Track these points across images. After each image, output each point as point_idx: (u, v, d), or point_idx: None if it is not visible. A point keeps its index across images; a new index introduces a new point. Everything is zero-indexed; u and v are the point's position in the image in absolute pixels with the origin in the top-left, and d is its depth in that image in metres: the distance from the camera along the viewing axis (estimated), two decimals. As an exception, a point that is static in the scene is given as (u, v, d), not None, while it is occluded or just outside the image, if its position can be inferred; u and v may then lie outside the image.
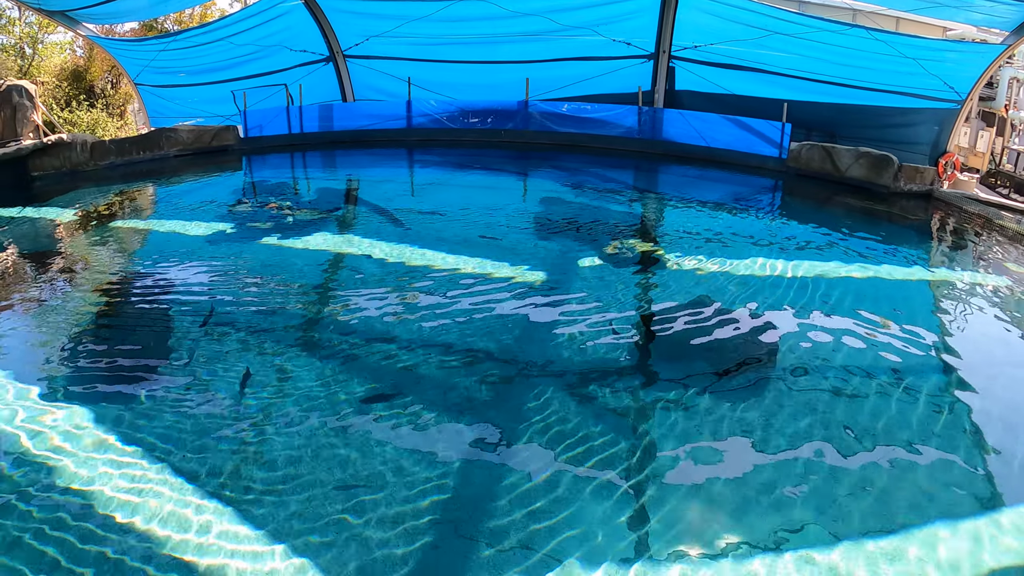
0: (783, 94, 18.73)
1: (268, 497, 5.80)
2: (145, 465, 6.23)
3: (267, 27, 22.88)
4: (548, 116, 21.42)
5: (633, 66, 21.06)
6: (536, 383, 7.51)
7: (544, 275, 10.66)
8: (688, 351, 8.27)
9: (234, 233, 13.13)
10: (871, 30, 17.36)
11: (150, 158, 20.83)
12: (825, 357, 7.99)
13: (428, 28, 21.74)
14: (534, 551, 5.13)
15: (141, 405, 7.26)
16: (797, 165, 17.55)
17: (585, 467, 6.07)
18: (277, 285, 10.68)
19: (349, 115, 23.31)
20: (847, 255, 11.58)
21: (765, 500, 5.60)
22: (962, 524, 5.37)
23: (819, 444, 6.35)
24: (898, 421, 6.76)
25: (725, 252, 11.55)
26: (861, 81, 18.45)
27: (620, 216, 14.35)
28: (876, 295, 10.00)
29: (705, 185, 17.39)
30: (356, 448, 6.44)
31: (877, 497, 5.65)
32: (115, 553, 5.22)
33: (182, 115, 24.52)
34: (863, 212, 14.95)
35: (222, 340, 8.75)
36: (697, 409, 6.94)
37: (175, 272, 11.20)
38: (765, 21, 18.35)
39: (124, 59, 24.10)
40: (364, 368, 7.99)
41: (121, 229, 14.19)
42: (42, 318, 9.76)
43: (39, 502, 5.78)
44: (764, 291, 9.95)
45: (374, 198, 16.36)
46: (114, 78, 27.96)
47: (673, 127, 19.88)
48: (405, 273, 10.82)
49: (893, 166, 16.04)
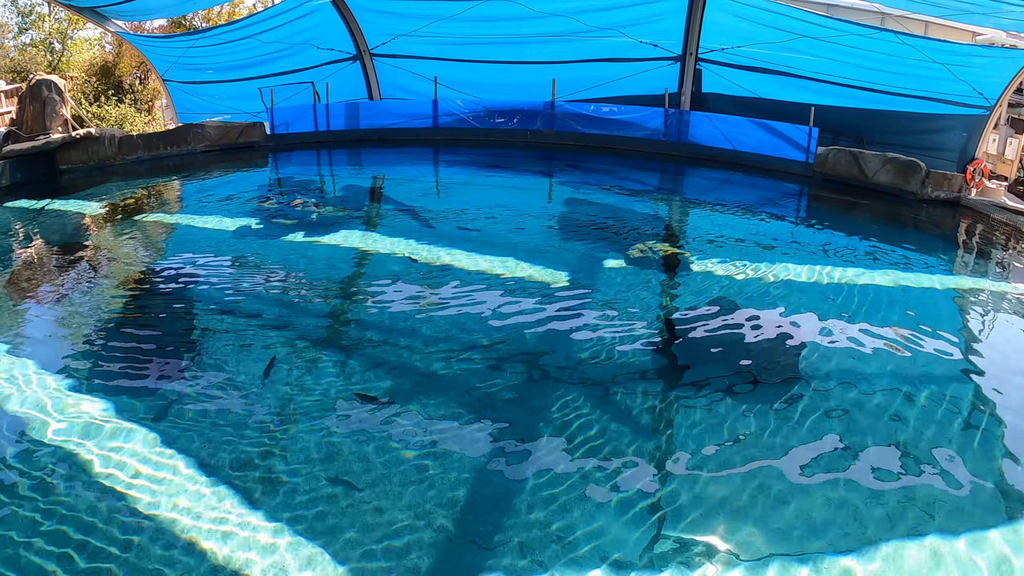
0: (810, 98, 18.63)
1: (285, 489, 5.89)
2: (165, 454, 6.34)
3: (294, 25, 22.96)
4: (574, 117, 21.38)
5: (659, 68, 21.00)
6: (558, 384, 7.55)
7: (568, 276, 10.68)
8: (711, 356, 8.27)
9: (259, 229, 13.23)
10: (899, 34, 17.24)
11: (177, 153, 20.98)
12: (849, 365, 7.97)
13: (455, 28, 21.76)
14: (552, 553, 5.16)
15: (163, 396, 7.37)
16: (824, 170, 17.46)
17: (605, 471, 6.10)
18: (301, 281, 10.77)
19: (375, 113, 23.36)
20: (873, 262, 11.54)
21: (786, 507, 5.61)
22: (990, 535, 5.35)
23: (842, 453, 6.34)
24: (922, 431, 6.75)
25: (750, 257, 11.53)
26: (889, 86, 18.30)
27: (645, 219, 14.35)
28: (901, 303, 9.95)
29: (731, 189, 17.33)
30: (376, 444, 6.51)
31: (900, 508, 5.64)
32: (135, 537, 5.32)
33: (209, 111, 24.64)
34: (889, 218, 14.88)
35: (245, 334, 8.84)
36: (719, 415, 6.95)
37: (200, 266, 11.31)
38: (792, 24, 18.24)
39: (152, 55, 24.26)
40: (386, 365, 8.05)
41: (147, 223, 14.33)
42: (67, 309, 9.90)
43: (63, 487, 5.91)
44: (789, 297, 9.93)
45: (399, 196, 16.42)
46: (142, 74, 28.16)
47: (699, 130, 19.81)
48: (429, 272, 10.89)
49: (920, 172, 15.94)
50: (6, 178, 17.68)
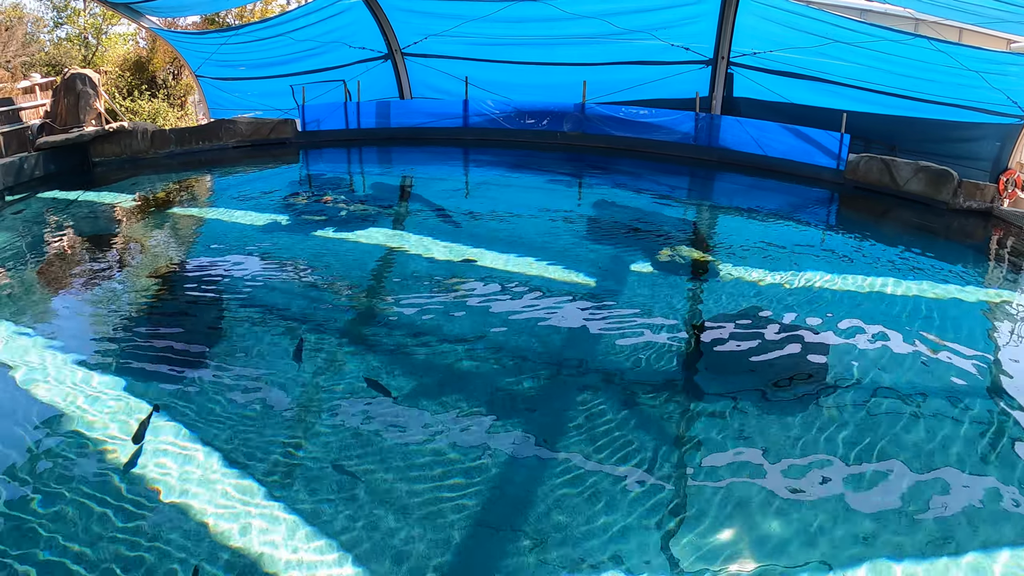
0: (842, 104, 18.53)
1: (308, 483, 6.00)
2: (190, 446, 6.46)
3: (327, 24, 23.11)
4: (604, 119, 21.36)
5: (691, 71, 20.93)
6: (583, 387, 7.60)
7: (595, 279, 10.71)
8: (736, 362, 8.28)
9: (289, 224, 13.36)
10: (933, 40, 17.09)
11: (209, 148, 21.20)
12: (876, 375, 7.94)
13: (486, 28, 21.81)
14: (570, 555, 5.20)
15: (189, 387, 7.51)
16: (855, 177, 17.36)
17: (627, 474, 6.13)
18: (329, 277, 10.89)
19: (406, 112, 23.47)
20: (902, 271, 11.46)
21: (809, 517, 5.61)
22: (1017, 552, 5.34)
23: (866, 464, 6.32)
24: (947, 444, 6.71)
25: (778, 263, 11.50)
26: (922, 93, 18.14)
27: (674, 223, 14.34)
28: (931, 313, 9.88)
29: (760, 194, 17.27)
30: (398, 441, 6.58)
31: (921, 520, 5.63)
32: (154, 527, 5.43)
33: (241, 107, 24.84)
34: (920, 228, 14.76)
35: (272, 328, 8.95)
36: (743, 422, 6.97)
37: (229, 260, 11.48)
38: (825, 29, 18.14)
39: (186, 51, 24.47)
40: (411, 362, 8.14)
41: (178, 216, 14.51)
42: (97, 299, 10.06)
43: (88, 474, 6.06)
44: (816, 305, 9.90)
45: (428, 195, 16.50)
46: (176, 69, 28.39)
47: (730, 134, 19.72)
48: (456, 271, 10.96)
49: (952, 182, 15.82)
50: (40, 169, 17.95)
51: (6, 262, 11.43)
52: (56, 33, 33.75)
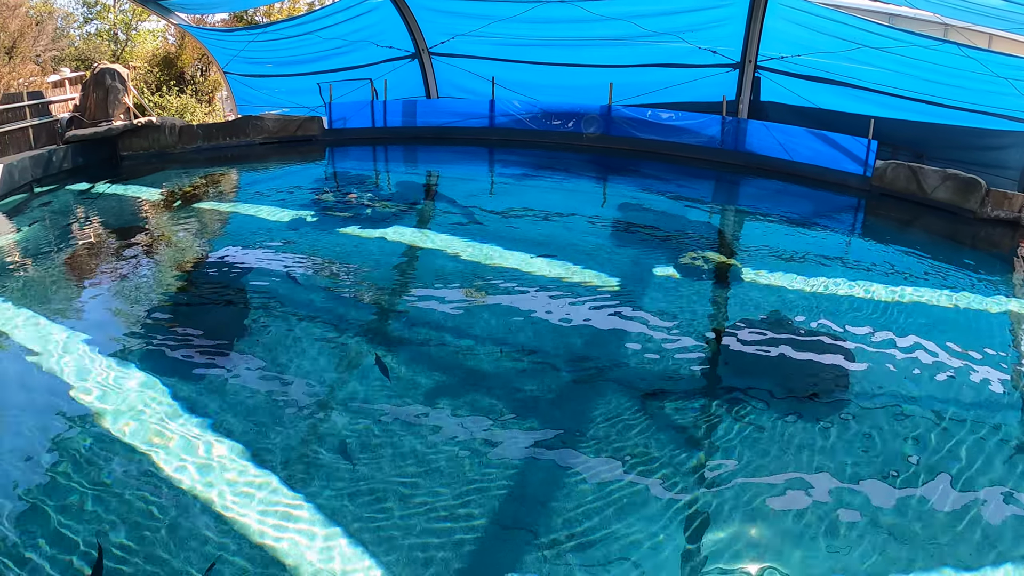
0: (870, 110, 18.41)
1: (321, 474, 6.10)
2: (209, 437, 6.57)
3: (354, 22, 23.23)
4: (630, 121, 21.32)
5: (718, 75, 20.87)
6: (603, 389, 7.62)
7: (618, 281, 10.73)
8: (758, 369, 8.27)
9: (314, 221, 13.47)
10: (963, 47, 16.95)
11: (236, 144, 21.37)
12: (898, 386, 7.88)
13: (513, 29, 21.83)
14: (586, 558, 5.22)
15: (212, 381, 7.60)
16: (881, 184, 17.22)
17: (645, 479, 6.14)
18: (352, 274, 10.99)
19: (432, 112, 23.53)
20: (927, 281, 11.35)
21: (825, 529, 5.60)
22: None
23: (886, 476, 6.29)
24: (969, 458, 6.65)
25: (802, 270, 11.45)
26: (950, 99, 18.00)
27: (698, 227, 14.31)
28: (955, 324, 9.80)
29: (786, 200, 17.18)
30: (419, 439, 6.64)
31: (939, 536, 5.60)
32: (174, 516, 5.53)
33: (268, 104, 25.02)
34: (947, 237, 14.65)
35: (294, 324, 9.02)
36: (763, 429, 6.95)
37: (253, 255, 11.60)
38: (854, 34, 18.02)
39: (214, 48, 24.68)
40: (432, 361, 8.19)
41: (204, 211, 14.66)
42: (123, 291, 10.18)
43: (109, 462, 6.16)
44: (840, 313, 9.86)
45: (453, 195, 16.58)
46: (204, 66, 28.61)
47: (756, 139, 19.61)
48: (479, 271, 11.03)
49: (980, 190, 15.66)
50: (68, 162, 18.17)
51: (33, 252, 11.59)
52: (86, 28, 34.09)
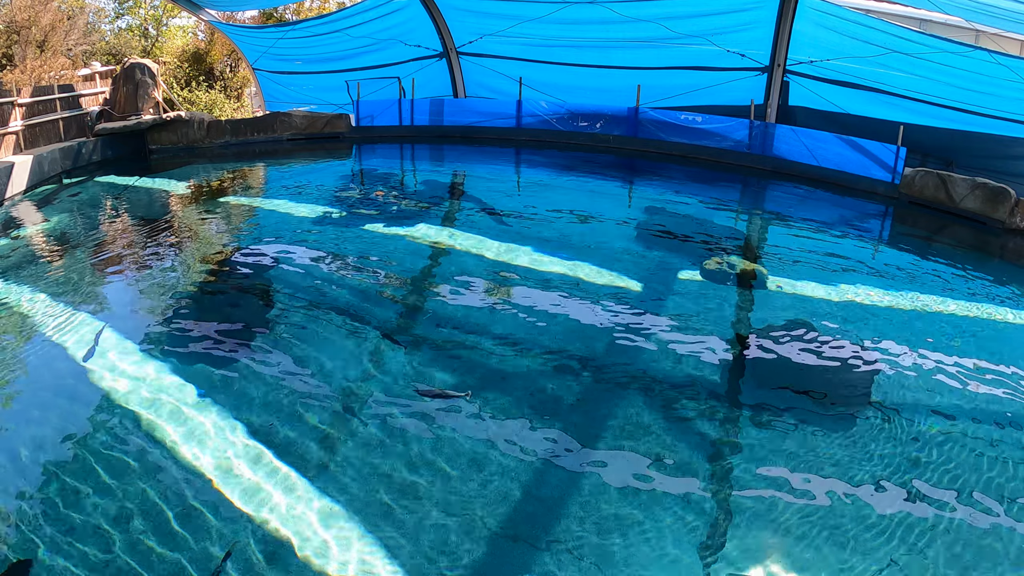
0: (899, 116, 18.27)
1: (335, 466, 6.20)
2: (229, 427, 6.67)
3: (383, 21, 23.33)
4: (658, 124, 21.27)
5: (746, 78, 20.80)
6: (624, 392, 7.64)
7: (642, 284, 10.72)
8: (780, 376, 8.25)
9: (339, 217, 13.56)
10: (994, 53, 16.78)
11: (263, 140, 21.57)
12: (921, 397, 7.83)
13: (541, 29, 21.86)
14: (599, 560, 5.23)
15: (233, 372, 7.70)
16: (909, 192, 17.06)
17: (662, 483, 6.15)
18: (376, 270, 11.05)
19: (459, 111, 23.62)
20: (953, 292, 11.22)
21: (842, 539, 5.58)
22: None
23: (907, 488, 6.25)
24: (992, 471, 6.61)
25: (828, 277, 11.39)
26: (981, 107, 17.81)
27: (724, 231, 14.25)
28: (980, 336, 9.69)
29: (812, 206, 17.08)
30: (439, 436, 6.71)
31: (956, 549, 5.57)
32: (193, 500, 5.63)
33: (296, 101, 25.19)
34: (975, 247, 14.48)
35: (317, 319, 9.09)
36: (784, 436, 6.93)
37: (279, 249, 11.74)
38: (884, 39, 17.88)
39: (243, 45, 24.85)
40: (454, 360, 8.23)
41: (231, 204, 14.80)
42: (149, 282, 10.32)
43: (131, 450, 6.28)
44: (864, 321, 9.79)
45: (479, 194, 16.61)
46: (233, 62, 28.77)
47: (784, 143, 19.51)
48: (503, 271, 11.06)
49: (1010, 200, 15.46)
50: (97, 154, 18.41)
51: (62, 242, 11.73)
52: (117, 23, 34.50)
